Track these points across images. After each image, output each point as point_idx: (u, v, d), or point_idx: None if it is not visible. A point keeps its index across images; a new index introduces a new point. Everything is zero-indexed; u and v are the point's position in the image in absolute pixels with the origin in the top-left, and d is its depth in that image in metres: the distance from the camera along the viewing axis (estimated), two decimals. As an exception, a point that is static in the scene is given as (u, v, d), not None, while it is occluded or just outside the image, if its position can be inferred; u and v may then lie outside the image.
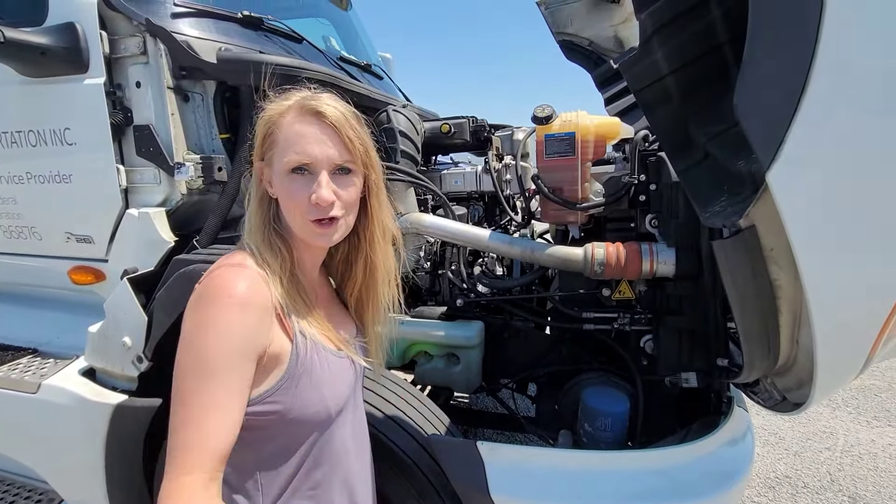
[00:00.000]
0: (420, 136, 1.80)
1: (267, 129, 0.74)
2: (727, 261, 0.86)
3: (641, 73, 1.08)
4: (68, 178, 1.41)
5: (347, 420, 0.81)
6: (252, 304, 0.65)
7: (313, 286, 0.84)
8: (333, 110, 0.74)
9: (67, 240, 1.50)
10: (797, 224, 0.72)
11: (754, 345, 0.96)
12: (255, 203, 0.77)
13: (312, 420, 0.72)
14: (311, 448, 0.74)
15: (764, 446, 2.70)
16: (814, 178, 0.69)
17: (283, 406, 0.69)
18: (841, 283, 0.76)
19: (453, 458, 1.03)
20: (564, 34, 2.49)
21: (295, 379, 0.70)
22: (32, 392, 1.34)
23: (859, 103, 0.66)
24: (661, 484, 1.02)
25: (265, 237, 0.75)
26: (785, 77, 0.68)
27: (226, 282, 0.66)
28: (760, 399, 1.36)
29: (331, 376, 0.75)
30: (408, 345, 1.67)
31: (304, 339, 0.72)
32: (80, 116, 1.35)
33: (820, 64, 0.64)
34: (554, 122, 1.40)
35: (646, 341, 1.48)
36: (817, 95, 0.65)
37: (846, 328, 0.80)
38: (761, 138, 0.72)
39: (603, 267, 1.34)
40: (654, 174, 1.39)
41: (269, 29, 1.66)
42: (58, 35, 1.28)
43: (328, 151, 0.72)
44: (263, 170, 0.76)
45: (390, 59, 3.60)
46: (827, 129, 0.67)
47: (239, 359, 0.63)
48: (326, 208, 0.72)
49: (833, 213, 0.71)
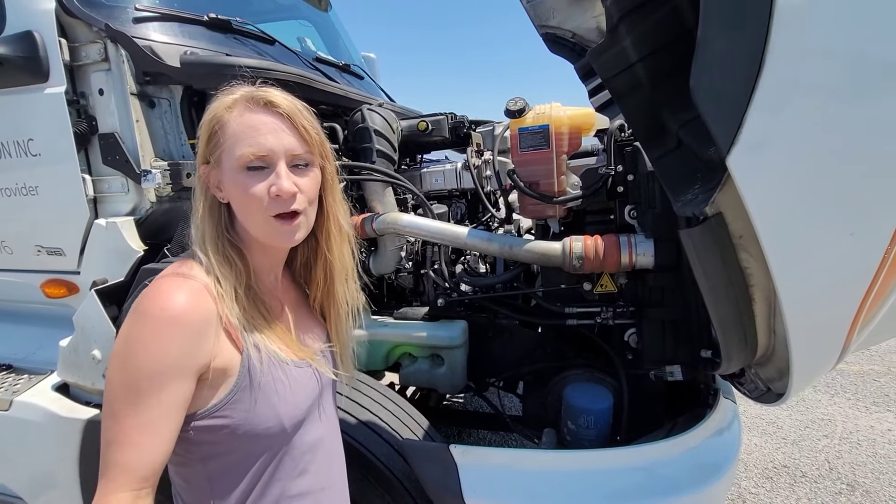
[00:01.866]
0: (397, 134, 1.77)
1: (212, 127, 0.69)
2: (695, 250, 0.83)
3: (610, 61, 1.05)
4: (35, 190, 1.38)
5: (311, 431, 0.77)
6: (187, 320, 0.62)
7: (275, 293, 0.80)
8: (284, 99, 0.70)
9: (38, 253, 1.47)
10: (760, 210, 0.69)
11: (730, 335, 0.93)
12: (203, 211, 0.72)
13: (265, 435, 0.69)
14: (266, 463, 0.71)
15: (762, 436, 2.67)
16: (775, 162, 0.67)
17: (232, 421, 0.66)
18: (810, 270, 0.73)
19: (426, 462, 1.01)
20: (547, 27, 2.47)
21: (244, 393, 0.67)
22: (4, 409, 1.32)
23: (819, 83, 0.63)
24: (642, 481, 0.99)
25: (219, 249, 0.70)
26: (740, 58, 0.66)
27: (163, 294, 0.63)
28: (746, 390, 1.33)
29: (287, 389, 0.71)
30: (391, 347, 1.65)
31: (258, 353, 0.69)
32: (42, 126, 1.32)
33: (775, 43, 0.62)
34: (527, 114, 1.38)
35: (630, 335, 1.45)
36: (775, 76, 0.63)
37: (818, 316, 0.78)
38: (719, 122, 0.69)
39: (581, 260, 1.31)
40: (630, 164, 1.36)
41: (238, 31, 1.63)
42: (15, 44, 1.25)
43: (285, 141, 0.68)
44: (210, 173, 0.71)
45: (374, 58, 3.57)
46: (787, 110, 0.64)
47: (170, 378, 0.60)
48: (289, 201, 0.68)
49: (797, 197, 0.69)
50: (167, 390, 0.59)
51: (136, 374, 0.59)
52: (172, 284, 0.64)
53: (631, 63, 1.01)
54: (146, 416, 0.58)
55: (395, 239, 1.68)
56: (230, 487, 0.69)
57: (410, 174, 1.90)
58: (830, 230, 0.70)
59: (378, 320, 1.68)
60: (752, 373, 1.24)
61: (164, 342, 0.60)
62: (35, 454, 1.31)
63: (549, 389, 1.43)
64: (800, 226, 0.70)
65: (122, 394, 0.59)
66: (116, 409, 0.59)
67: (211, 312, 0.65)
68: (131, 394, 0.58)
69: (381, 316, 1.73)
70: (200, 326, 0.63)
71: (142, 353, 0.60)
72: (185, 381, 0.61)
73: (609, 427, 1.27)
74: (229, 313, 0.66)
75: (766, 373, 1.13)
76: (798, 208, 0.69)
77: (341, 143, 1.76)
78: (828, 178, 0.67)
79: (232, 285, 0.68)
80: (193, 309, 0.63)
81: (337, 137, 1.77)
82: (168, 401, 0.59)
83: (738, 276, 0.85)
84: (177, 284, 0.64)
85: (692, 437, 1.13)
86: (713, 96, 0.69)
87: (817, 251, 0.72)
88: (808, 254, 0.72)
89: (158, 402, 0.59)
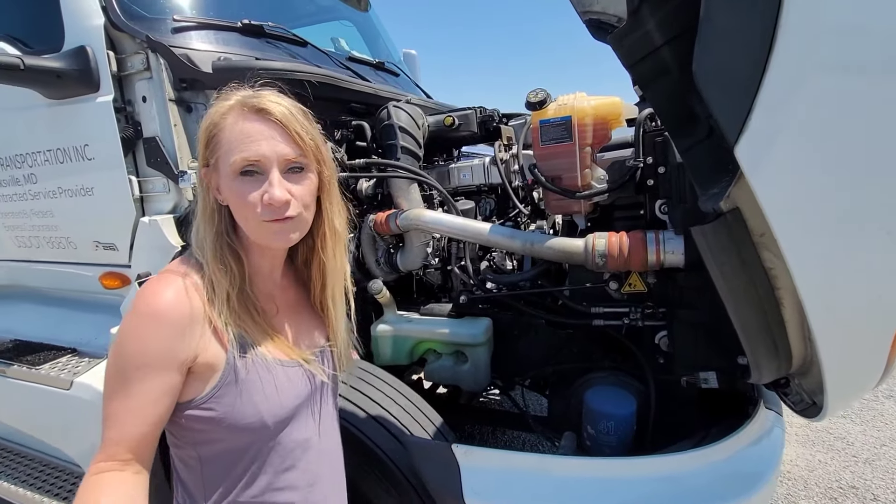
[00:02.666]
0: (423, 130, 1.77)
1: (209, 132, 0.71)
2: (709, 248, 0.76)
3: (634, 45, 0.98)
4: (91, 191, 1.52)
5: (300, 429, 0.78)
6: (169, 317, 0.65)
7: (272, 294, 0.82)
8: (277, 106, 0.71)
9: (96, 248, 1.62)
10: (775, 205, 0.62)
11: (756, 342, 0.85)
12: (204, 214, 0.74)
13: (248, 429, 0.71)
14: (253, 456, 0.73)
15: (828, 452, 2.43)
16: (790, 152, 0.59)
17: (216, 413, 0.69)
18: (838, 273, 0.65)
19: (428, 460, 1.00)
20: (591, 13, 2.36)
21: (228, 388, 0.70)
22: (66, 388, 1.47)
23: (839, 62, 0.55)
24: (657, 492, 0.93)
25: (216, 252, 0.72)
26: (749, 36, 0.59)
27: (151, 292, 0.67)
28: (791, 402, 1.21)
29: (272, 388, 0.73)
30: (415, 343, 1.66)
31: (243, 352, 0.71)
32: (95, 133, 1.45)
33: (788, 17, 0.55)
34: (549, 106, 1.33)
35: (661, 338, 1.37)
36: (788, 55, 0.56)
37: (853, 326, 0.69)
38: (726, 109, 0.63)
39: (604, 258, 1.25)
40: (661, 156, 1.28)
41: (271, 35, 1.70)
42: (71, 59, 1.38)
43: (277, 148, 0.70)
44: (210, 176, 0.73)
45: (415, 55, 3.60)
46: (802, 93, 0.57)
47: (152, 369, 0.64)
48: (281, 208, 0.70)
49: (818, 190, 0.61)
50: (150, 380, 0.64)
51: (124, 364, 0.64)
52: (162, 282, 0.68)
53: (656, 47, 0.93)
54: (133, 401, 0.63)
55: (422, 235, 1.69)
56: (220, 473, 0.72)
57: (441, 170, 1.89)
58: (861, 228, 0.61)
59: (403, 316, 1.70)
60: (796, 383, 1.13)
61: (145, 337, 0.64)
62: (90, 428, 1.45)
63: (572, 391, 1.38)
64: (823, 223, 0.62)
65: (113, 379, 0.64)
66: (108, 392, 0.65)
67: (196, 309, 0.68)
68: (120, 380, 0.64)
69: (409, 312, 1.75)
70: (182, 323, 0.66)
71: (128, 345, 0.65)
72: (167, 373, 0.65)
73: (632, 434, 1.20)
74: (216, 316, 0.69)
75: (809, 384, 1.02)
76: (820, 204, 0.61)
77: (369, 141, 1.79)
78: (853, 170, 0.58)
79: (225, 289, 0.70)
80: (176, 306, 0.66)
81: (365, 135, 1.80)
82: (151, 389, 0.64)
83: (762, 277, 0.77)
84: (166, 282, 0.68)
85: (721, 448, 1.04)
86: (719, 80, 0.63)
87: (846, 252, 0.63)
88: (836, 255, 0.64)
89: (141, 391, 0.63)
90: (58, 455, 1.67)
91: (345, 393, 1.17)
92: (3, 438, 1.94)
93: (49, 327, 1.85)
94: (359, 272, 1.73)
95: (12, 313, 2.00)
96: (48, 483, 1.65)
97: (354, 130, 1.79)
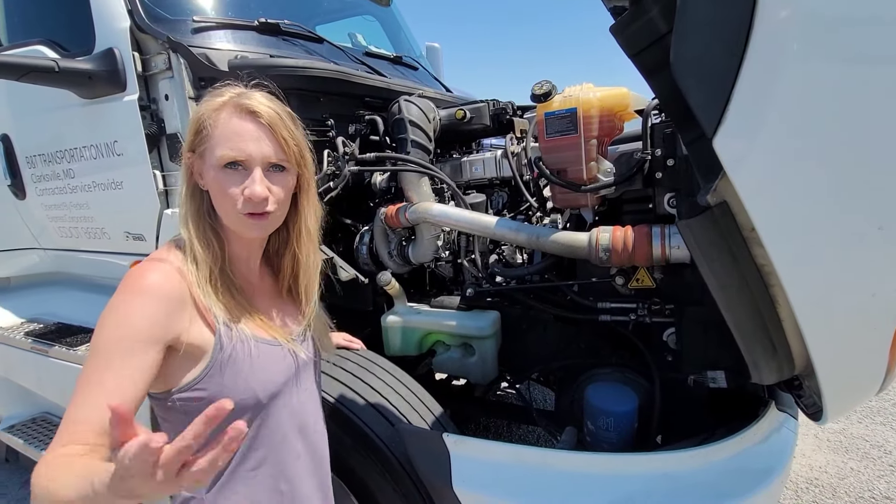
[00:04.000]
0: (433, 124, 1.78)
1: (200, 123, 0.76)
2: (696, 243, 0.75)
3: (637, 34, 0.96)
4: (121, 185, 1.62)
5: (285, 406, 0.83)
6: (156, 295, 0.69)
7: (250, 279, 0.87)
8: (268, 109, 0.76)
9: (127, 238, 1.72)
10: (757, 199, 0.60)
11: (751, 341, 0.82)
12: (186, 195, 0.79)
13: (241, 406, 0.75)
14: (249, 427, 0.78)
15: (861, 460, 2.30)
16: (769, 143, 0.57)
17: (209, 393, 0.73)
18: (828, 271, 0.62)
19: (420, 448, 1.03)
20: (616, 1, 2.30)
21: (218, 367, 0.74)
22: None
23: (821, 48, 0.53)
24: (651, 488, 0.92)
25: (199, 229, 0.77)
26: (725, 23, 0.57)
27: (139, 274, 0.71)
28: (804, 404, 1.16)
29: (260, 365, 0.78)
30: (423, 334, 1.68)
31: (229, 331, 0.75)
32: (123, 130, 1.54)
33: (765, 5, 0.53)
34: (554, 98, 1.31)
35: (668, 335, 1.34)
36: (764, 45, 0.54)
37: (846, 327, 0.66)
38: (702, 99, 0.61)
39: (608, 253, 1.23)
40: (670, 148, 1.24)
41: (287, 33, 1.74)
42: (100, 60, 1.46)
43: (263, 149, 0.75)
44: (195, 162, 0.78)
45: (438, 48, 3.60)
46: (782, 82, 0.55)
47: (135, 345, 0.66)
48: (260, 203, 0.75)
49: (803, 184, 0.58)
50: (130, 358, 0.65)
51: (104, 341, 0.66)
52: (147, 266, 0.73)
53: (661, 35, 0.91)
54: (111, 379, 0.63)
55: (432, 228, 1.70)
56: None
57: (453, 163, 1.90)
58: (851, 223, 0.59)
59: (413, 307, 1.73)
60: (806, 385, 1.08)
61: (132, 314, 0.68)
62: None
63: (575, 387, 1.37)
64: (810, 218, 0.60)
65: (92, 358, 0.66)
66: (86, 369, 0.66)
67: (181, 291, 0.72)
68: (101, 357, 0.65)
69: (420, 304, 1.78)
70: (170, 302, 0.70)
71: (112, 323, 0.68)
72: (151, 350, 0.67)
73: (632, 432, 1.18)
74: (201, 293, 0.73)
75: (815, 386, 0.97)
76: (805, 198, 0.59)
77: (382, 135, 1.82)
78: (840, 162, 0.56)
79: (208, 265, 0.75)
80: (162, 286, 0.71)
81: (378, 129, 1.83)
82: (130, 368, 0.65)
83: (754, 274, 0.75)
84: (152, 266, 0.73)
85: (723, 446, 1.02)
86: (695, 71, 0.61)
87: (836, 248, 0.61)
88: (824, 251, 0.61)
89: (120, 367, 0.64)
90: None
91: (346, 380, 1.20)
92: (49, 413, 2.11)
93: (88, 312, 1.98)
94: (372, 264, 1.77)
95: (56, 299, 2.16)
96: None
97: (368, 125, 1.82)
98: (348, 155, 1.66)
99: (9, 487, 2.47)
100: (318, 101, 1.69)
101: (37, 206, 1.96)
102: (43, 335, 1.95)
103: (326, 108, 1.71)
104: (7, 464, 2.55)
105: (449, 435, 1.04)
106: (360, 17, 3.02)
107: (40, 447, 1.89)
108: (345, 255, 1.82)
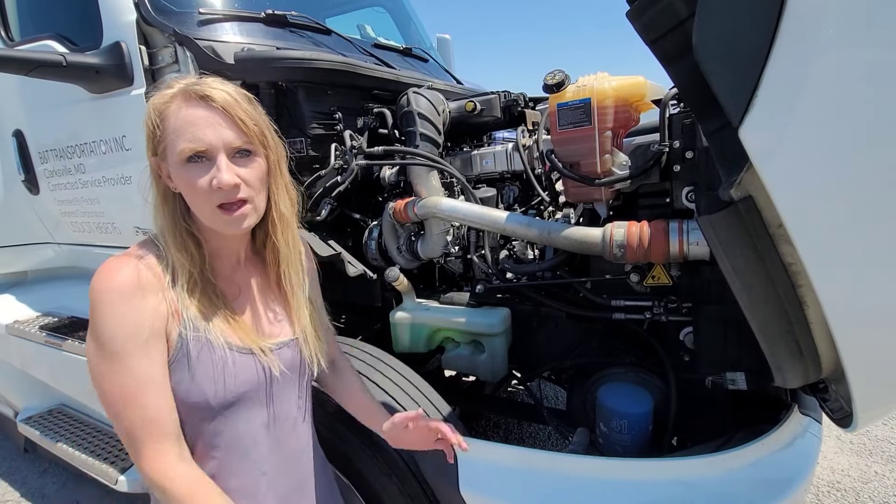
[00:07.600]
0: (443, 116, 1.74)
1: (153, 121, 0.72)
2: (718, 240, 0.70)
3: (656, 19, 0.90)
4: (129, 180, 1.61)
5: (251, 418, 0.79)
6: (130, 288, 0.68)
7: (233, 278, 0.83)
8: (220, 92, 0.72)
9: (136, 233, 1.72)
10: (786, 192, 0.56)
11: (776, 343, 0.77)
12: (158, 200, 0.76)
13: (195, 407, 0.74)
14: (210, 433, 0.76)
15: (887, 463, 2.21)
16: (801, 134, 0.53)
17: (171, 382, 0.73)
18: (864, 270, 0.57)
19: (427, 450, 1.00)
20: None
21: (178, 364, 0.72)
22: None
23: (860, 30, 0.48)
24: (663, 496, 0.88)
25: (176, 238, 0.74)
26: (754, 2, 0.52)
27: (106, 274, 0.69)
28: (830, 409, 1.11)
29: (219, 372, 0.74)
30: (432, 331, 1.66)
31: (196, 333, 0.73)
32: (131, 124, 1.53)
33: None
34: (567, 88, 1.26)
35: (686, 334, 1.29)
36: (798, 23, 0.49)
37: (880, 327, 0.61)
38: (729, 86, 0.56)
39: (623, 249, 1.18)
40: (689, 139, 1.18)
41: (294, 25, 1.72)
42: (108, 54, 1.46)
43: (223, 135, 0.70)
44: (160, 165, 0.74)
45: (448, 39, 3.56)
46: (815, 67, 0.50)
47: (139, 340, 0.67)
48: (231, 191, 0.71)
49: (837, 177, 0.54)
50: (143, 350, 0.66)
51: (112, 345, 0.66)
52: (114, 263, 0.70)
53: (682, 20, 0.86)
54: (137, 376, 0.65)
55: (441, 223, 1.67)
56: (188, 430, 0.75)
57: (464, 157, 1.86)
58: (889, 220, 0.54)
59: (421, 303, 1.70)
60: (833, 389, 1.03)
61: (118, 315, 0.67)
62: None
63: (588, 387, 1.33)
64: (844, 215, 0.55)
65: (106, 367, 0.66)
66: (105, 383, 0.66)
67: (148, 284, 0.70)
68: (115, 364, 0.65)
69: (428, 300, 1.75)
70: (148, 293, 0.69)
71: (106, 329, 0.67)
72: (154, 340, 0.68)
73: (647, 434, 1.14)
74: (176, 299, 0.71)
75: (844, 391, 0.92)
76: (840, 193, 0.54)
77: (390, 128, 1.79)
78: (882, 155, 0.51)
79: (188, 272, 0.73)
80: (129, 279, 0.69)
81: (386, 122, 1.79)
82: (149, 358, 0.67)
83: (781, 273, 0.70)
84: (118, 263, 0.71)
85: (742, 453, 0.97)
86: (721, 52, 0.57)
87: (873, 246, 0.56)
88: (860, 249, 0.56)
89: (141, 362, 0.66)
90: (103, 420, 1.82)
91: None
92: (65, 405, 2.14)
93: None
94: (381, 259, 1.75)
95: (70, 293, 2.18)
96: (99, 448, 1.81)
97: (376, 118, 1.79)
98: (356, 149, 1.63)
99: (28, 477, 2.53)
100: (325, 93, 1.66)
101: (50, 201, 1.98)
102: (57, 329, 1.98)
103: (334, 101, 1.69)
104: (26, 454, 2.61)
105: (456, 437, 1.02)
106: (371, 8, 3.00)
107: (56, 438, 1.92)
108: (353, 250, 1.79)
